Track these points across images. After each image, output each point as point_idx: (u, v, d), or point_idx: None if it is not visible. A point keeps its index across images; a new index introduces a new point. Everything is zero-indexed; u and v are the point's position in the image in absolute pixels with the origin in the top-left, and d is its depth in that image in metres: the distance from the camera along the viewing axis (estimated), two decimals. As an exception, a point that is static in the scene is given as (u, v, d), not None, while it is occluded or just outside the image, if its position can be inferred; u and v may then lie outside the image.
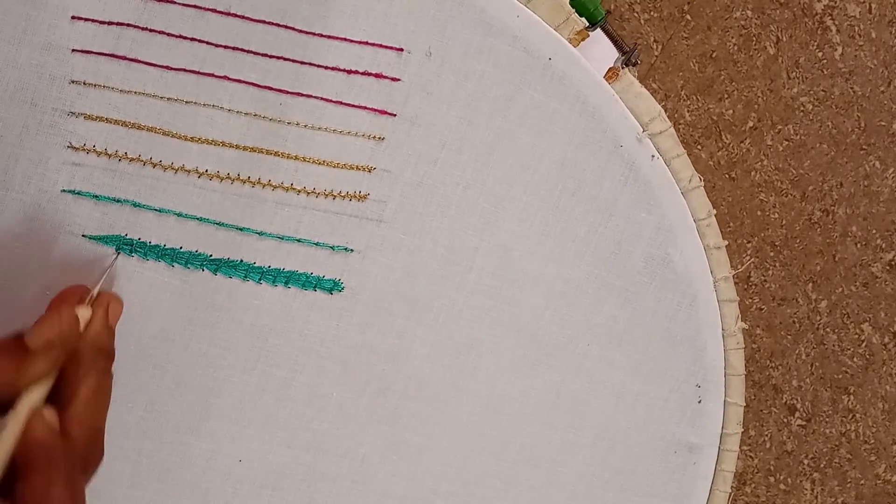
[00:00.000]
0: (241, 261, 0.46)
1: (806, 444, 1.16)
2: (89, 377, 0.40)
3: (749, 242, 1.12)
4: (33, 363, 0.38)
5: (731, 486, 0.55)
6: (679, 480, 0.54)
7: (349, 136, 0.46)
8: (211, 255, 0.46)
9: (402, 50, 0.45)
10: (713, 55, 1.08)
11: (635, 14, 1.06)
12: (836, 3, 1.09)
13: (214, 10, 0.43)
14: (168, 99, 0.44)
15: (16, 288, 0.45)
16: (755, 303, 1.13)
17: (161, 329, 0.47)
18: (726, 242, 0.51)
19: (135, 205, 0.45)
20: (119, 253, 0.45)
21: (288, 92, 0.44)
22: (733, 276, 0.52)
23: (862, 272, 1.14)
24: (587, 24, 0.47)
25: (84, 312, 0.41)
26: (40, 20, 0.42)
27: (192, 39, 0.43)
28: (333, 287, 0.48)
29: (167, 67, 0.43)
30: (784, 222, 1.12)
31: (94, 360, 0.41)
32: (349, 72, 0.45)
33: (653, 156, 0.49)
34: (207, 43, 0.43)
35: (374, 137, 0.46)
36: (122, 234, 0.45)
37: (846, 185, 1.13)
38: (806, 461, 1.17)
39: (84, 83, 0.43)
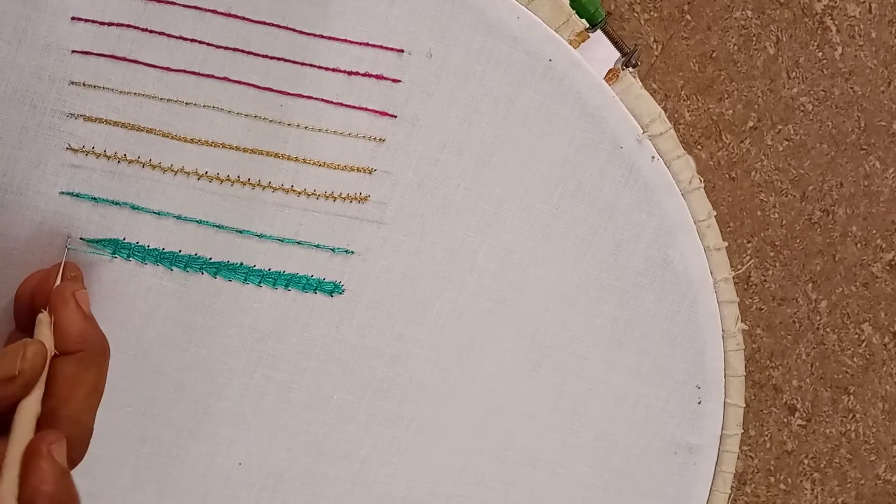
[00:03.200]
0: (241, 263, 0.46)
1: (806, 444, 1.16)
2: (83, 377, 0.39)
3: (749, 242, 1.11)
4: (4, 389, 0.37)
5: (731, 487, 0.55)
6: (679, 481, 0.54)
7: (349, 137, 0.46)
8: (210, 258, 0.46)
9: (402, 51, 0.45)
10: (713, 55, 1.08)
11: (635, 14, 1.06)
12: (836, 3, 1.09)
13: (215, 12, 0.43)
14: (168, 100, 0.44)
15: (13, 291, 0.44)
16: (755, 303, 1.13)
17: (160, 333, 0.47)
18: (726, 244, 0.51)
19: (133, 207, 0.44)
20: (69, 238, 0.44)
21: (288, 93, 0.44)
22: (733, 277, 0.52)
23: (862, 272, 1.14)
24: (587, 25, 0.47)
25: (44, 318, 0.40)
26: (40, 21, 0.42)
27: (193, 41, 0.43)
28: (334, 289, 0.48)
29: (167, 69, 0.43)
30: (784, 222, 1.12)
31: (82, 358, 0.40)
32: (350, 73, 0.45)
33: (653, 157, 0.49)
34: (208, 44, 0.43)
35: (375, 139, 0.46)
36: (121, 238, 0.45)
37: (846, 185, 1.13)
38: (806, 461, 1.17)
39: (84, 84, 0.43)
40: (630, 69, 0.48)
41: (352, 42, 0.44)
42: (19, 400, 0.38)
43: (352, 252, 0.47)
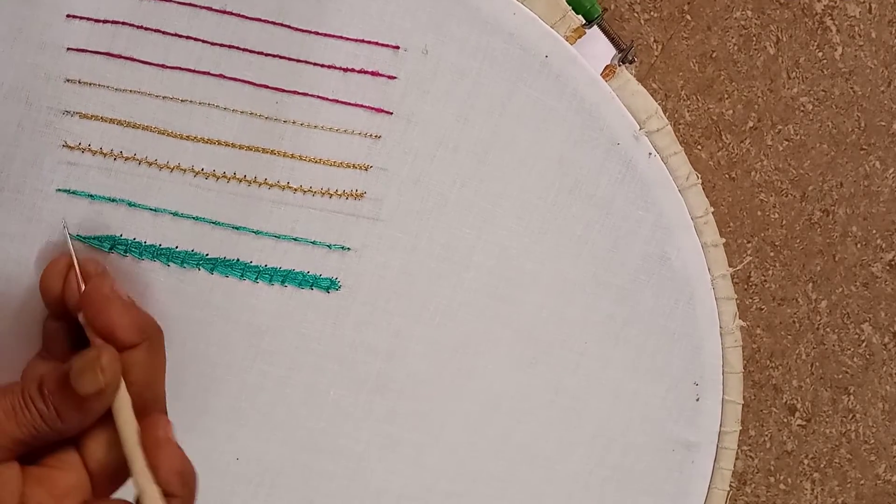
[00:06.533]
0: (238, 260, 0.46)
1: (806, 444, 1.16)
2: (155, 360, 0.42)
3: (749, 242, 1.11)
4: (94, 404, 0.39)
5: (731, 485, 0.55)
6: (677, 479, 0.54)
7: (345, 134, 0.46)
8: (207, 255, 0.46)
9: (398, 48, 0.45)
10: (713, 55, 1.08)
11: (635, 14, 1.06)
12: (836, 3, 1.09)
13: (210, 9, 0.43)
14: (163, 97, 0.44)
15: (10, 289, 0.45)
16: (755, 303, 1.12)
17: (156, 327, 0.47)
18: (724, 240, 0.51)
19: (130, 204, 0.44)
20: (66, 228, 0.44)
21: (284, 90, 0.44)
22: (733, 276, 0.52)
23: (862, 272, 1.14)
24: (584, 21, 0.47)
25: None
26: (35, 18, 0.42)
27: (188, 38, 0.43)
28: (330, 286, 0.48)
29: (163, 66, 0.43)
30: (784, 222, 1.12)
31: (150, 345, 0.41)
32: (345, 70, 0.45)
33: (650, 153, 0.49)
34: (203, 41, 0.43)
35: (371, 135, 0.46)
36: (118, 235, 0.45)
37: (846, 185, 1.12)
38: (806, 461, 1.16)
39: (79, 82, 0.43)
40: (626, 65, 0.48)
41: (347, 39, 0.44)
42: (111, 403, 0.40)
43: (348, 248, 0.47)
